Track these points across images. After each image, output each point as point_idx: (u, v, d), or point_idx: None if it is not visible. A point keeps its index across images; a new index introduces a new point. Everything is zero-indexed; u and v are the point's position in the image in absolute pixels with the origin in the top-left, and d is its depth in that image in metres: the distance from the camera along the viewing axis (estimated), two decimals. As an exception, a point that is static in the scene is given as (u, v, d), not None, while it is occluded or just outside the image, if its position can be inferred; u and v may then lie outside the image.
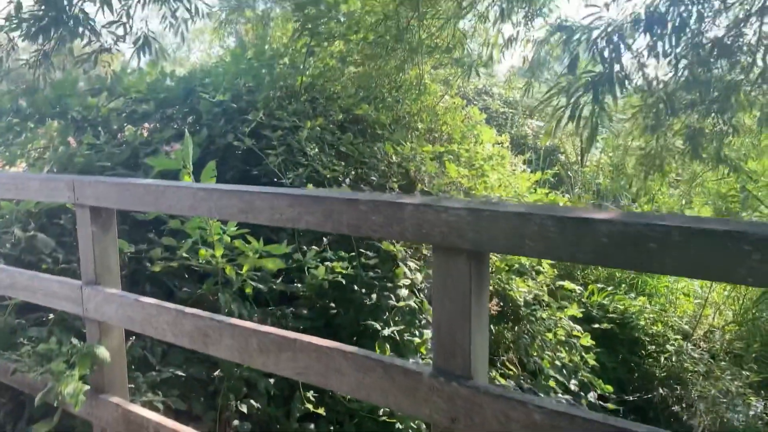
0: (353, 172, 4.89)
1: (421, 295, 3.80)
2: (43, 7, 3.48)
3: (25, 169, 4.04)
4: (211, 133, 4.00)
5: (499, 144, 6.46)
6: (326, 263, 3.55)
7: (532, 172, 6.77)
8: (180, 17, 4.13)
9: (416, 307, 3.62)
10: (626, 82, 2.63)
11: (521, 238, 1.20)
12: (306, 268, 3.56)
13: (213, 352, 1.77)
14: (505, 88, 9.32)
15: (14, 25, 3.57)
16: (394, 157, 5.30)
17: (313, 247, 3.68)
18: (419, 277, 3.83)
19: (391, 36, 5.42)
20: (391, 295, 3.62)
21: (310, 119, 4.75)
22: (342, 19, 5.42)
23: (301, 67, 5.43)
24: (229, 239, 2.90)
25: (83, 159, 3.55)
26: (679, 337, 5.72)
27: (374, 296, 3.57)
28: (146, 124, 4.45)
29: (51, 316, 2.76)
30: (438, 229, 1.30)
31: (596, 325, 5.28)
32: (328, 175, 4.38)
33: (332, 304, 3.60)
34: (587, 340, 4.74)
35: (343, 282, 3.52)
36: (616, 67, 2.60)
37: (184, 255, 3.02)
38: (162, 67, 4.52)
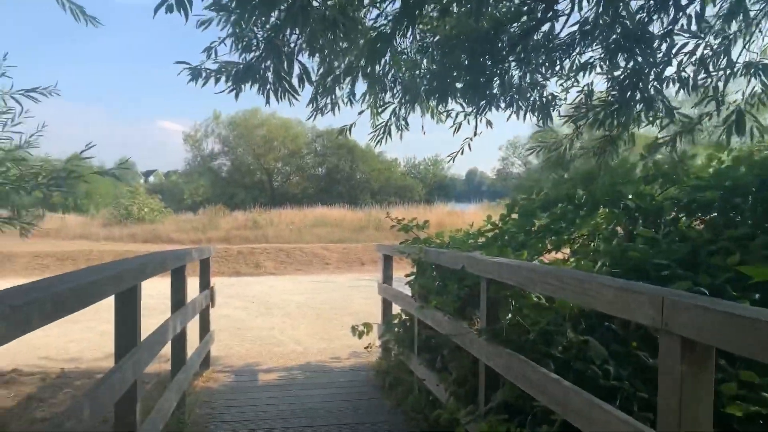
0: None
1: None
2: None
3: (569, 256, 3.93)
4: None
5: None
6: None
7: None
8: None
9: None
10: None
11: None
12: None
13: None
14: None
15: (582, 114, 3.47)
16: None
17: None
18: None
19: None
20: None
21: None
22: None
23: None
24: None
25: (638, 254, 3.14)
26: None
27: None
28: (702, 216, 3.78)
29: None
30: None
31: None
32: None
33: None
34: None
35: None
36: None
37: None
38: (731, 150, 3.79)
